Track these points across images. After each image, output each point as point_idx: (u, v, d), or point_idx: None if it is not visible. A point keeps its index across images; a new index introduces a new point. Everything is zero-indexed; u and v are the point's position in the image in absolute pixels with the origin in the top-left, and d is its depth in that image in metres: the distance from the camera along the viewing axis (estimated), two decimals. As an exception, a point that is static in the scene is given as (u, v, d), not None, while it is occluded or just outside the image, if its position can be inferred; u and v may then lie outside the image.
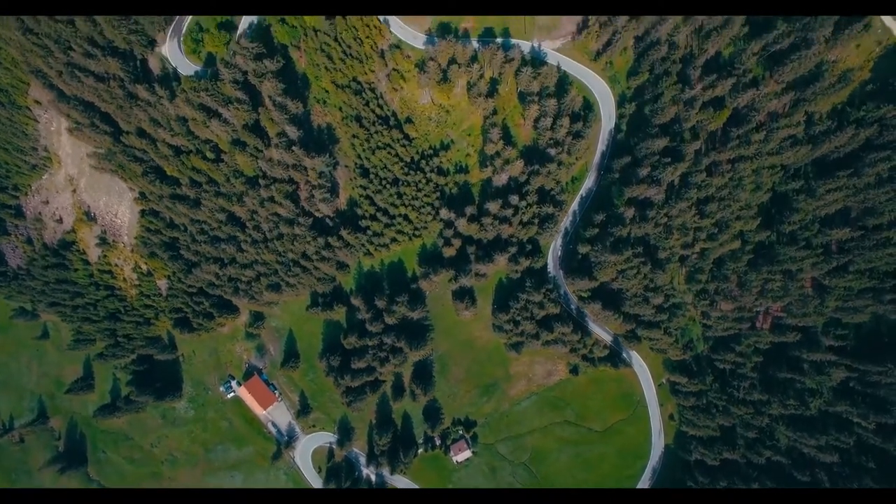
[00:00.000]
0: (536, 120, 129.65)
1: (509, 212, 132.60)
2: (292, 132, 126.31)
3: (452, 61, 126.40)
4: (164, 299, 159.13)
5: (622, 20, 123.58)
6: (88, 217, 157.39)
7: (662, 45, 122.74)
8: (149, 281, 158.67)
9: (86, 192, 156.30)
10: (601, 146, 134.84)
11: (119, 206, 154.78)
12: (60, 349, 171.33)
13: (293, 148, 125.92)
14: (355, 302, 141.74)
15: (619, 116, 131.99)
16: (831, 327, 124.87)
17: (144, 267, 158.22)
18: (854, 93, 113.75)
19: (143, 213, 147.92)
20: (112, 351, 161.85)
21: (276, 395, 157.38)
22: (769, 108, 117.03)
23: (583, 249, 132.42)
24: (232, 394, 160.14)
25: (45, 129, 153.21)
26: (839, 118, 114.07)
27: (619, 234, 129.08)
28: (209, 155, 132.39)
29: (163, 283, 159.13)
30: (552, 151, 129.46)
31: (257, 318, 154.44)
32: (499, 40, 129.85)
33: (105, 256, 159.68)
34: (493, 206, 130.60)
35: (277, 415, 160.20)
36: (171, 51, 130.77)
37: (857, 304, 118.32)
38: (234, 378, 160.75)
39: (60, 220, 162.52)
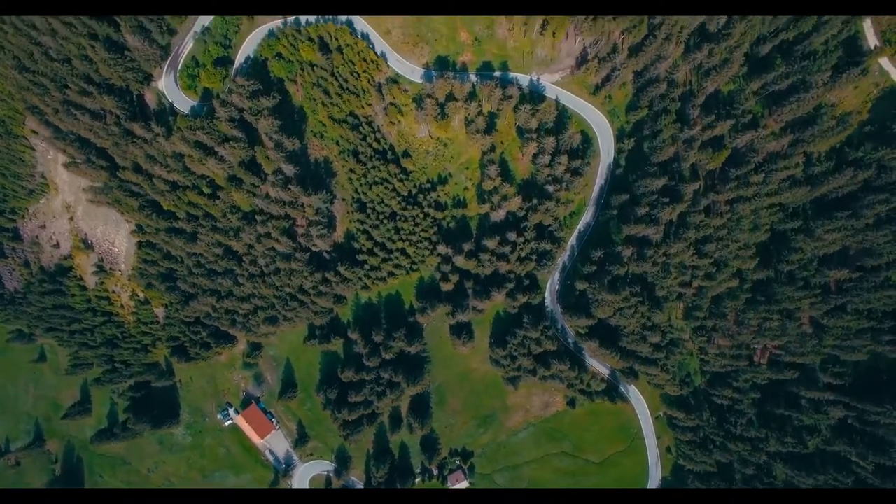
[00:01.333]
0: (535, 156, 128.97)
1: (507, 248, 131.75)
2: (288, 169, 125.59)
3: (450, 97, 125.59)
4: (162, 328, 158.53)
5: (621, 57, 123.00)
6: (85, 245, 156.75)
7: (661, 83, 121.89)
8: (146, 309, 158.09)
9: (83, 220, 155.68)
10: (600, 180, 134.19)
11: (116, 235, 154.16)
12: (58, 373, 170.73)
13: (289, 186, 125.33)
14: (353, 336, 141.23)
15: (618, 151, 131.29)
16: (829, 364, 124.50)
17: (142, 295, 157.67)
18: (852, 134, 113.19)
19: (139, 244, 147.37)
20: (109, 376, 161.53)
21: (274, 423, 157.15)
22: (768, 149, 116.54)
23: (580, 286, 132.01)
24: (230, 421, 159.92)
25: (43, 157, 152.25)
26: (838, 158, 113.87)
27: (617, 272, 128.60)
28: (206, 190, 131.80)
29: (160, 311, 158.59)
30: (550, 188, 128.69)
31: (255, 347, 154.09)
32: (497, 73, 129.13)
33: (102, 283, 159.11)
34: (490, 243, 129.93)
35: (275, 443, 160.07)
36: (168, 86, 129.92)
37: (855, 344, 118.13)
38: (231, 406, 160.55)
39: (57, 245, 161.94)
